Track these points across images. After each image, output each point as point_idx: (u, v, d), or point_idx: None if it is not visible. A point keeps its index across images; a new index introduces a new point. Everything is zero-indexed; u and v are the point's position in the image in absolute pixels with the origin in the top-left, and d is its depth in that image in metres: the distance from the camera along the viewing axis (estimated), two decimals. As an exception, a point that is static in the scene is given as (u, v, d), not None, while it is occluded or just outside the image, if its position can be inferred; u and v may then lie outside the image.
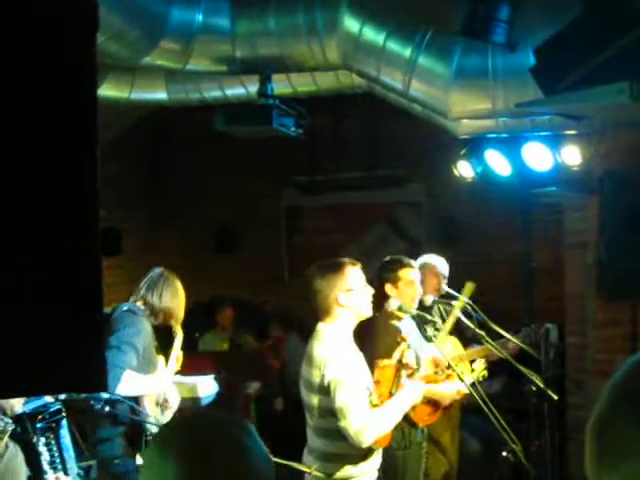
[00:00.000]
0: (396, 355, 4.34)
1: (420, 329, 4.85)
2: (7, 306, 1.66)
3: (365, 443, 3.70)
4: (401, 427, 4.30)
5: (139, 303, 4.59)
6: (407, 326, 4.77)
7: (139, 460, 4.29)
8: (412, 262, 4.91)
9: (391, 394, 4.04)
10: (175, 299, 4.65)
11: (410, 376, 4.16)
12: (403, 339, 4.41)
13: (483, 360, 4.94)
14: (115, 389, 4.08)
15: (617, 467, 1.20)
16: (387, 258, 5.00)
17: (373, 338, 4.51)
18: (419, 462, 4.62)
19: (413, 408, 4.20)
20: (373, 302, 3.99)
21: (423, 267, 5.59)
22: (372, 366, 4.14)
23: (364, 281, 3.94)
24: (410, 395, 4.03)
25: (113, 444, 4.32)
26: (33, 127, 1.68)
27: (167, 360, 4.74)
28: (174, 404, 4.52)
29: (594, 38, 3.25)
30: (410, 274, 4.81)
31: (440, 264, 5.61)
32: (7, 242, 1.64)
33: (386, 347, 4.24)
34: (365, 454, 3.81)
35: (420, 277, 5.44)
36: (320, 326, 3.88)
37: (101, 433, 4.34)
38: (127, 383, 4.16)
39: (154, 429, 4.21)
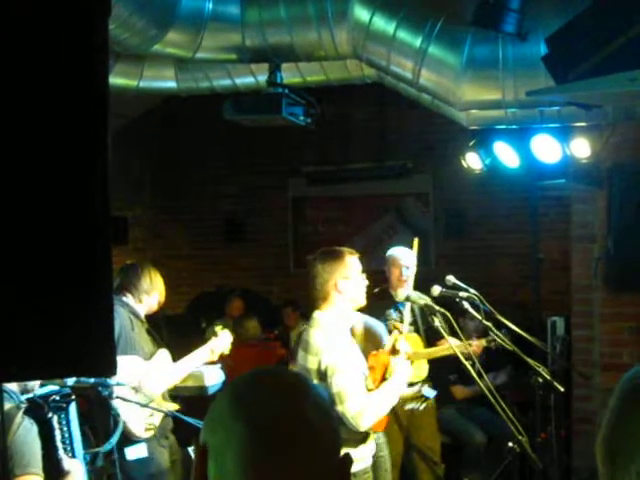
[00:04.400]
0: (389, 342, 4.50)
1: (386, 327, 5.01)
2: (20, 293, 1.66)
3: (363, 427, 3.79)
4: None
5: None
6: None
7: (130, 454, 4.37)
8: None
9: (385, 379, 4.13)
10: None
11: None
12: (396, 327, 4.63)
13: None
14: None
15: (628, 467, 1.24)
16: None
17: None
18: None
19: None
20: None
21: (386, 260, 5.68)
22: None
23: (360, 271, 4.06)
24: (402, 377, 4.13)
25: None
26: (44, 114, 1.68)
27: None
28: (149, 389, 4.47)
29: (605, 27, 3.24)
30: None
31: (402, 255, 5.61)
32: (20, 229, 1.65)
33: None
34: (364, 437, 3.91)
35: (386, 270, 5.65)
36: (316, 314, 3.98)
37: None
38: None
39: (123, 412, 4.21)
